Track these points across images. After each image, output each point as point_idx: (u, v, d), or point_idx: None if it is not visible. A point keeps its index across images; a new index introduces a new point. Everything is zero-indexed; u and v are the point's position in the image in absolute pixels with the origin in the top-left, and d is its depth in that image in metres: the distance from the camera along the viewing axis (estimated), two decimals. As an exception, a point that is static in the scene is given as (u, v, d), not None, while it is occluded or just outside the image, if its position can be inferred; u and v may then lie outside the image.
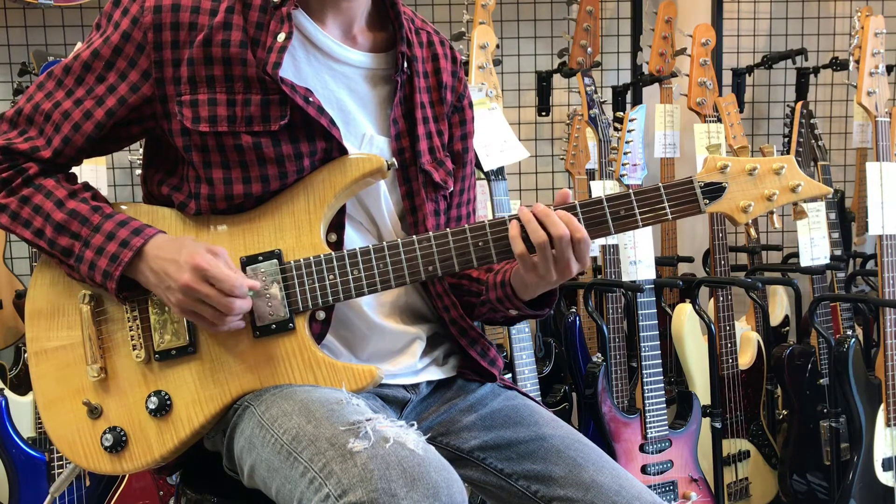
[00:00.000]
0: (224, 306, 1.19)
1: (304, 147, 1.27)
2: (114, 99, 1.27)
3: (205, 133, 1.25)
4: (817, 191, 1.27)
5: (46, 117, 1.29)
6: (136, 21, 1.26)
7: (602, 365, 2.43)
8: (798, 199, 1.27)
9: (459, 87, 1.46)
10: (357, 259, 1.26)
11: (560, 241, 1.22)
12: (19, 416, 2.40)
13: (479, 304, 1.42)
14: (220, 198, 1.27)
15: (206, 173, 1.27)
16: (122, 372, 1.29)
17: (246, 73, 1.25)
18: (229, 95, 1.25)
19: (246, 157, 1.26)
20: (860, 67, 2.52)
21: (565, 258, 1.23)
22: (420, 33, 1.42)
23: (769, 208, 1.27)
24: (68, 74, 1.30)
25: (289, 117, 1.26)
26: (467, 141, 1.48)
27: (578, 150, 3.12)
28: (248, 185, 1.27)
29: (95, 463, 1.29)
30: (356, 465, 1.04)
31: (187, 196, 1.30)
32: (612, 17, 3.50)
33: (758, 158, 1.27)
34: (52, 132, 1.29)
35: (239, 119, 1.25)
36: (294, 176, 1.28)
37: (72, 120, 1.28)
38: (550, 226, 1.22)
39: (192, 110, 1.25)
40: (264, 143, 1.26)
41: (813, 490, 2.71)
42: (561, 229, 1.21)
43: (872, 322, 3.00)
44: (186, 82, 1.25)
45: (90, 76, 1.28)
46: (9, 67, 3.04)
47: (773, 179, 1.27)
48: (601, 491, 1.25)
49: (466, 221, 1.50)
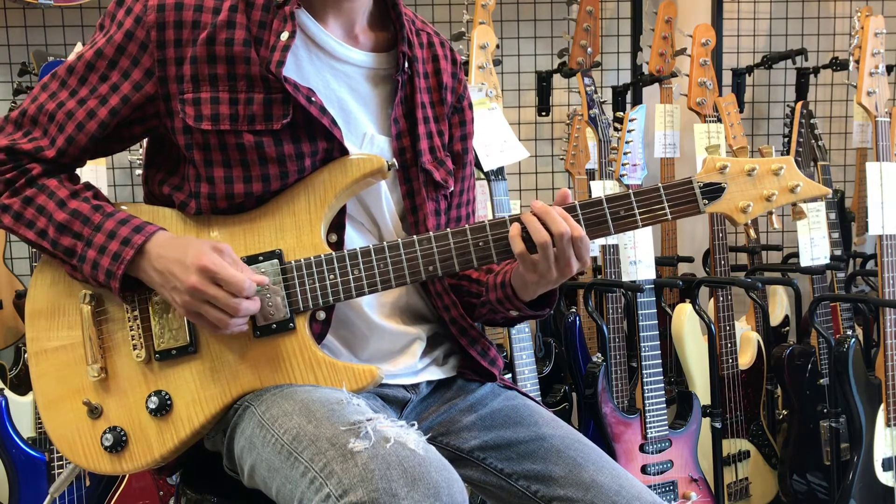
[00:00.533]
0: (231, 308, 1.19)
1: (306, 147, 1.27)
2: (117, 98, 1.27)
3: (207, 131, 1.25)
4: (816, 191, 1.28)
5: (50, 118, 1.29)
6: (139, 20, 1.26)
7: (602, 365, 2.43)
8: (797, 199, 1.28)
9: (459, 88, 1.46)
10: (358, 259, 1.26)
11: (561, 238, 1.22)
12: (19, 416, 2.40)
13: (479, 305, 1.42)
14: (220, 197, 1.27)
15: (206, 172, 1.27)
16: (123, 372, 1.29)
17: (249, 71, 1.26)
18: (232, 94, 1.26)
19: (247, 156, 1.26)
20: (860, 67, 2.52)
21: (566, 256, 1.23)
22: (421, 34, 1.43)
23: (768, 209, 1.28)
24: (72, 74, 1.30)
25: (291, 116, 1.26)
26: (467, 142, 1.48)
27: (578, 150, 3.12)
28: (248, 184, 1.27)
29: (95, 463, 1.29)
30: (357, 464, 1.04)
31: (188, 195, 1.30)
32: (612, 17, 3.50)
33: (757, 159, 1.27)
34: (56, 132, 1.29)
35: (241, 118, 1.25)
36: (295, 176, 1.28)
37: (76, 119, 1.28)
38: (551, 223, 1.22)
39: (195, 108, 1.25)
40: (266, 142, 1.26)
41: (813, 490, 2.71)
42: (561, 227, 1.22)
43: (872, 322, 3.00)
44: (189, 80, 1.25)
45: (93, 76, 1.29)
46: (9, 67, 3.04)
47: (772, 180, 1.27)
48: (601, 491, 1.25)
49: (466, 222, 1.50)
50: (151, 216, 1.31)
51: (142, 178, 1.41)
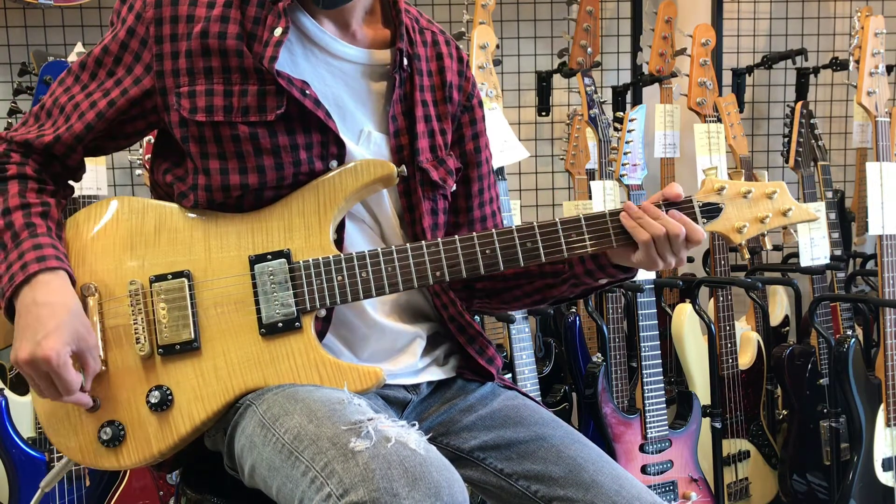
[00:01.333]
0: (61, 393, 1.22)
1: (301, 138, 1.28)
2: (118, 90, 1.31)
3: (201, 123, 1.26)
4: (806, 216, 1.34)
5: (61, 109, 1.33)
6: (139, 17, 1.29)
7: (602, 365, 2.44)
8: (788, 223, 1.33)
9: (467, 86, 1.46)
10: (366, 261, 1.27)
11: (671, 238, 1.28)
12: (19, 416, 2.40)
13: (558, 283, 1.42)
14: (216, 188, 1.28)
15: (203, 164, 1.28)
16: (124, 365, 1.29)
17: (243, 63, 1.27)
18: (226, 86, 1.27)
19: (242, 148, 1.27)
20: (860, 67, 2.52)
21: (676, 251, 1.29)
22: (425, 32, 1.43)
23: (762, 230, 1.33)
24: (84, 70, 1.34)
25: (285, 108, 1.27)
26: (479, 140, 1.48)
27: (578, 150, 3.12)
28: (244, 175, 1.27)
29: (92, 457, 1.29)
30: (358, 464, 1.04)
31: (189, 187, 1.30)
32: (612, 17, 3.50)
33: (752, 182, 1.34)
34: (63, 122, 1.33)
35: (235, 109, 1.26)
36: (290, 168, 1.28)
37: (79, 109, 1.32)
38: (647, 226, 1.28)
39: (190, 101, 1.27)
40: (261, 133, 1.26)
41: (813, 490, 2.71)
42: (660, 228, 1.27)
43: (872, 322, 3.00)
44: (185, 73, 1.27)
45: (101, 71, 1.33)
46: (9, 67, 3.04)
47: (766, 203, 1.33)
48: (601, 491, 1.26)
49: (492, 221, 1.51)
50: (158, 212, 1.31)
51: (148, 166, 1.42)
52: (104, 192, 2.50)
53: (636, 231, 1.27)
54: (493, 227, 1.50)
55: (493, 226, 1.51)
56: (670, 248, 1.28)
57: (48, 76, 2.47)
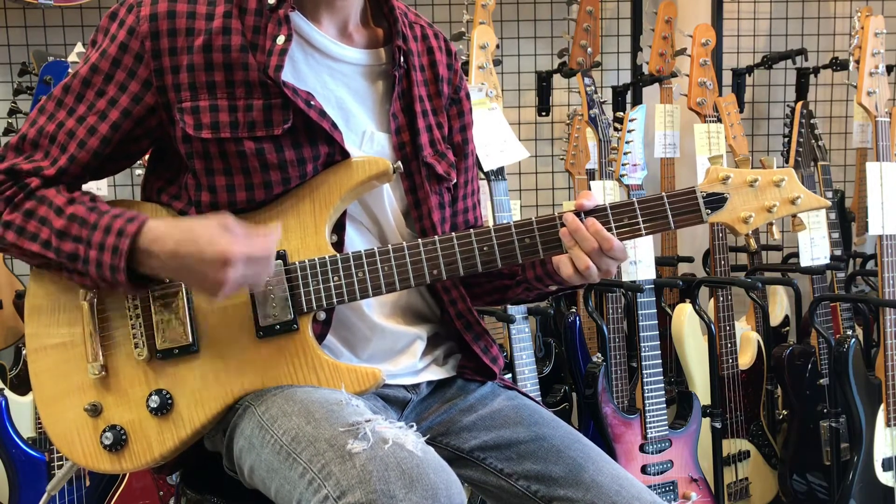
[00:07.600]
0: (267, 272, 1.21)
1: (307, 152, 1.27)
2: (117, 112, 1.26)
3: (207, 140, 1.24)
4: (816, 203, 1.28)
5: (51, 139, 1.27)
6: (132, 31, 1.25)
7: (602, 365, 2.43)
8: (797, 211, 1.28)
9: (455, 79, 1.46)
10: (362, 261, 1.27)
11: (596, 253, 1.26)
12: (19, 416, 2.40)
13: (513, 286, 1.43)
14: (223, 205, 1.26)
15: (208, 181, 1.26)
16: (123, 370, 1.29)
17: (247, 77, 1.25)
18: (231, 101, 1.25)
19: (249, 164, 1.25)
20: (860, 67, 2.52)
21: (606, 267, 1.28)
22: (414, 27, 1.42)
23: (769, 219, 1.28)
24: (68, 93, 1.28)
25: (291, 122, 1.25)
26: (467, 132, 1.48)
27: (578, 150, 3.12)
28: (251, 191, 1.26)
29: (94, 461, 1.29)
30: (355, 466, 1.05)
31: (186, 204, 1.29)
32: (612, 17, 3.50)
33: (759, 170, 1.28)
34: (59, 153, 1.27)
35: (241, 125, 1.25)
36: (297, 181, 1.28)
37: (77, 138, 1.27)
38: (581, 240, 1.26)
39: (194, 117, 1.24)
40: (267, 148, 1.25)
41: (813, 490, 2.71)
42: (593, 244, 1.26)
43: (872, 322, 3.00)
44: (187, 88, 1.24)
45: (90, 92, 1.27)
46: (9, 67, 3.04)
47: (773, 191, 1.28)
48: (601, 491, 1.26)
49: (472, 213, 1.51)
50: (153, 214, 1.30)
51: (141, 181, 1.40)
52: (104, 191, 2.50)
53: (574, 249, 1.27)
54: (474, 219, 1.52)
55: (474, 218, 1.52)
56: None
57: (48, 76, 2.47)
